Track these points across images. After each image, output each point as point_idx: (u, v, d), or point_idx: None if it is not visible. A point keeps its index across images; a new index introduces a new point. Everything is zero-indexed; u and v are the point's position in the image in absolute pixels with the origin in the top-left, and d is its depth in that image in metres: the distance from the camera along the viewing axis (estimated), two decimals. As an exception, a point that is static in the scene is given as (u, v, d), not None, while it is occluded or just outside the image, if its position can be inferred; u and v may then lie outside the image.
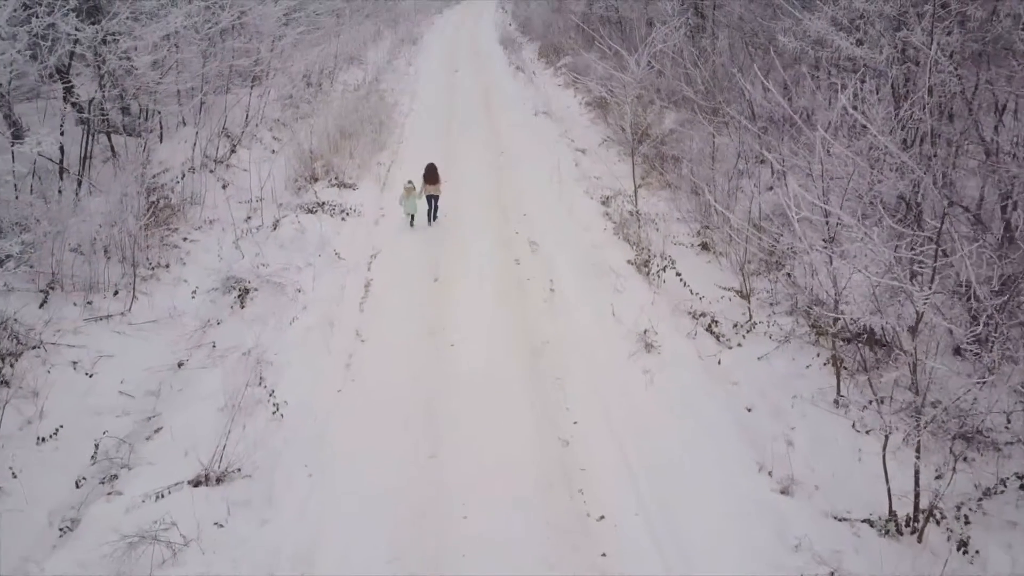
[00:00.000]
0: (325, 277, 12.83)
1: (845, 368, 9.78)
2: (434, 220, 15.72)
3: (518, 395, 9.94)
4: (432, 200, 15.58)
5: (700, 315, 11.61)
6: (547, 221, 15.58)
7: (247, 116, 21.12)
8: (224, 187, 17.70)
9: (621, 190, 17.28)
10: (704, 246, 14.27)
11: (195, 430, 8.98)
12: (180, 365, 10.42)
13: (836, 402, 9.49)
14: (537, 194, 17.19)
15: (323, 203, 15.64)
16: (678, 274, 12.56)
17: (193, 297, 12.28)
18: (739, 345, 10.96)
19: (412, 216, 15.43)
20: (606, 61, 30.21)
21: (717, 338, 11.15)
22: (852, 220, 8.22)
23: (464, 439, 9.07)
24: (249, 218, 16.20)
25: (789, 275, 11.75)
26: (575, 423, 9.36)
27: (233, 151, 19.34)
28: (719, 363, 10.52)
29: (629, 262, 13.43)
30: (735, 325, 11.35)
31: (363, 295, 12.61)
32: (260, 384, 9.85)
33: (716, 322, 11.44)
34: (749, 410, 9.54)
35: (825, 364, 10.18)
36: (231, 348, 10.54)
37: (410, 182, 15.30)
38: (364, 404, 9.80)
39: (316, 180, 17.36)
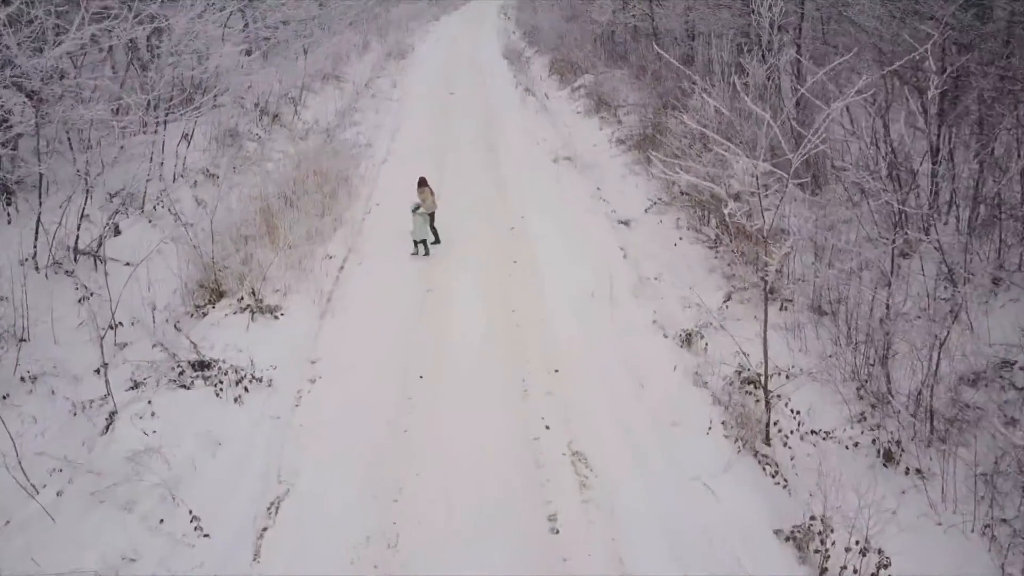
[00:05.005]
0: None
1: None
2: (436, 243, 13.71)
3: None
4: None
5: None
6: (597, 395, 8.93)
7: (151, 170, 14.78)
8: (83, 300, 11.32)
9: (702, 306, 10.92)
10: (887, 455, 7.88)
11: None
12: None
13: None
14: (573, 321, 10.70)
15: (209, 363, 8.89)
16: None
17: None
18: None
19: (423, 243, 13.36)
20: (640, 83, 23.94)
21: None
22: None
23: None
24: (105, 365, 9.86)
25: None
26: None
27: (117, 232, 12.92)
28: None
29: (782, 536, 6.82)
30: None
31: None
32: None
33: None
34: None
35: None
36: None
37: (416, 207, 13.23)
38: None
39: (221, 296, 10.81)
